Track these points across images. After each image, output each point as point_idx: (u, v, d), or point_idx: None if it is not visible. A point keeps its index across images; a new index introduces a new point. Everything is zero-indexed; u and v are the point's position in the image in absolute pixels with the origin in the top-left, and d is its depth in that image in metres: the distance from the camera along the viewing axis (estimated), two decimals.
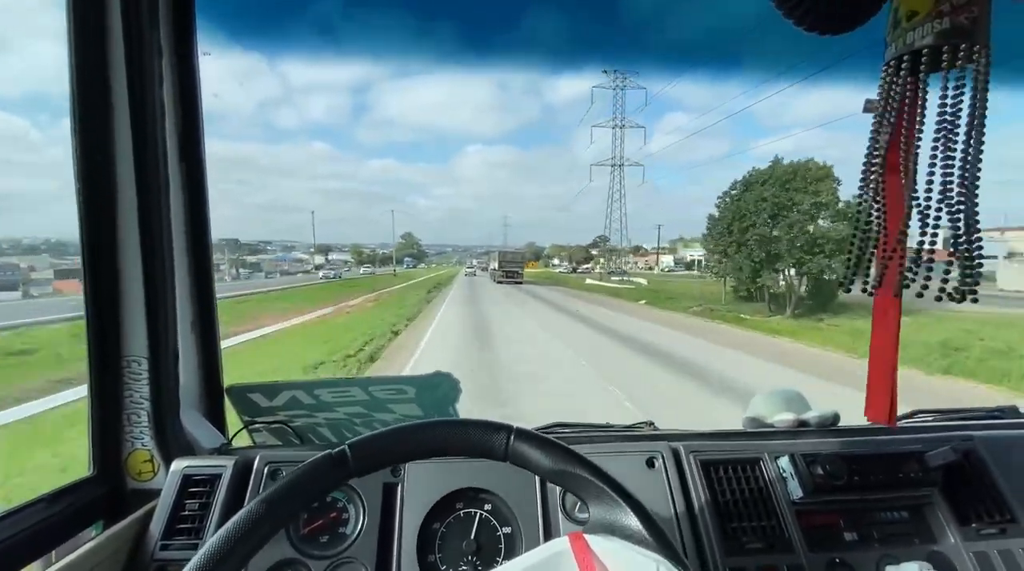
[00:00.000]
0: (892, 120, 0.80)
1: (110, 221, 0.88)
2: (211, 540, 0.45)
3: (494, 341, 11.43)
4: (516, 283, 39.40)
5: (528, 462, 0.53)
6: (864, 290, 0.79)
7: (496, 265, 44.66)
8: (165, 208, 0.91)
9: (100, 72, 0.84)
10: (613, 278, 42.09)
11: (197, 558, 0.44)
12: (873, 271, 0.74)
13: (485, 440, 0.54)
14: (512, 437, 0.53)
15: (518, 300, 23.21)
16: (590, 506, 0.53)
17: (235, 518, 0.47)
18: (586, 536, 0.50)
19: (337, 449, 0.51)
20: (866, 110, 1.10)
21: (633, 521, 0.50)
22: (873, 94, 0.96)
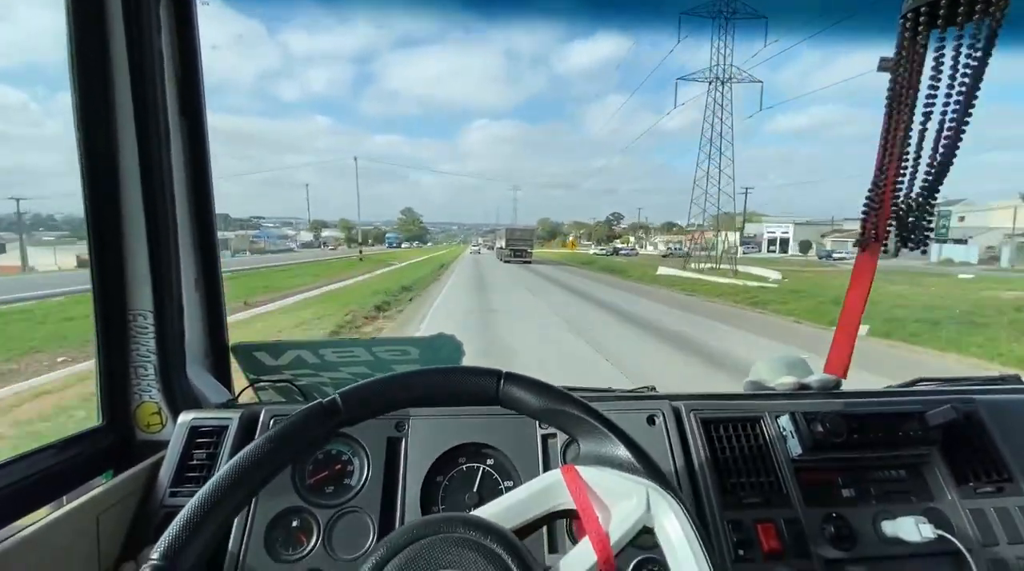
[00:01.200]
0: (910, 74, 0.79)
1: (112, 175, 0.88)
2: (208, 486, 0.46)
3: None
4: (524, 262, 36.28)
5: (520, 403, 0.54)
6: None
7: (503, 243, 41.10)
8: (167, 162, 0.90)
9: (98, 21, 0.83)
10: (703, 267, 26.46)
11: (194, 502, 0.44)
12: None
13: (476, 385, 0.54)
14: (503, 381, 0.53)
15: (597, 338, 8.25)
16: (580, 442, 0.54)
17: (230, 465, 0.47)
18: (577, 467, 0.51)
19: (328, 398, 0.51)
20: (881, 68, 1.07)
21: (622, 451, 0.50)
22: (890, 53, 0.93)
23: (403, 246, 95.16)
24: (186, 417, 0.92)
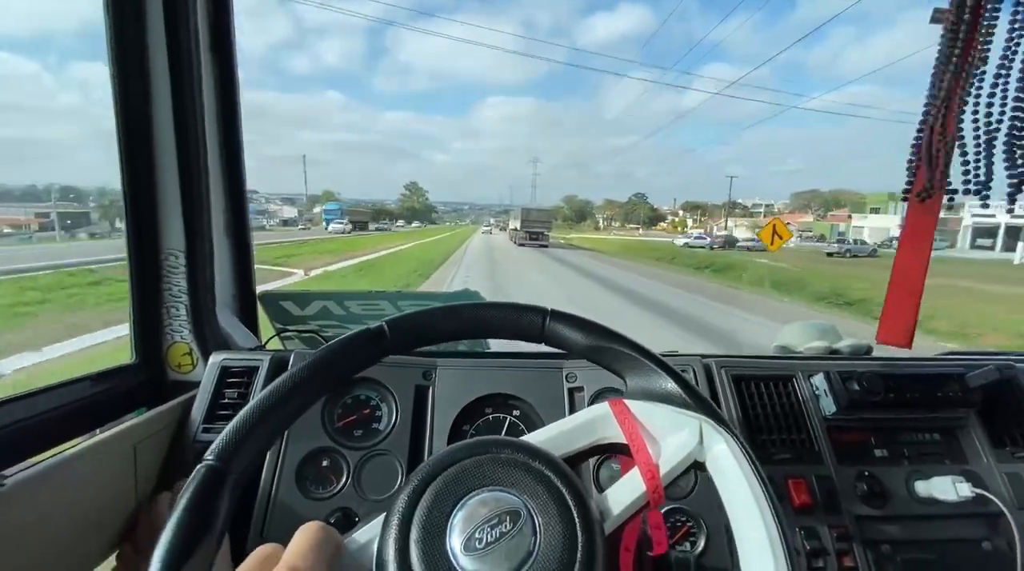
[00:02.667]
0: (965, 27, 0.75)
1: (145, 113, 0.87)
2: (259, 396, 0.46)
3: None
4: (541, 246, 31.55)
5: (564, 341, 0.53)
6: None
7: (517, 224, 35.17)
8: (199, 99, 0.89)
9: None
10: None
11: (246, 410, 0.44)
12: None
13: (522, 320, 0.53)
14: (548, 318, 0.52)
15: None
16: (627, 378, 0.52)
17: (279, 380, 0.47)
18: (625, 400, 0.50)
19: (375, 325, 0.51)
20: (934, 20, 1.02)
21: (672, 385, 0.49)
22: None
23: (334, 227, 46.87)
24: (217, 358, 0.93)
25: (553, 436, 0.49)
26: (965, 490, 0.77)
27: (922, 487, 0.81)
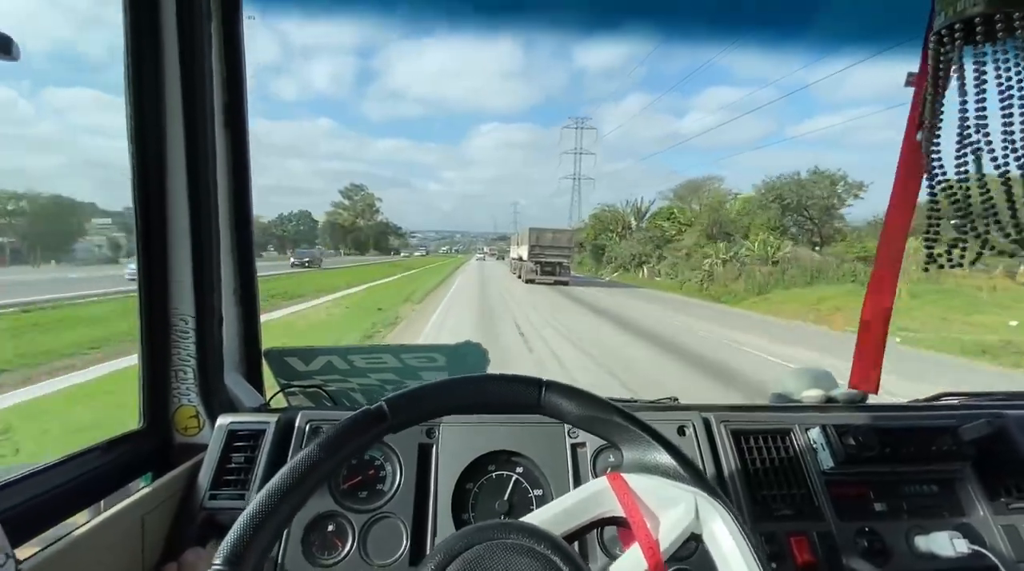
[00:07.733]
0: (941, 93, 0.80)
1: (160, 185, 0.91)
2: (262, 493, 0.46)
3: None
4: (559, 283, 22.61)
5: (561, 412, 0.54)
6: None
7: (524, 252, 24.22)
8: (212, 172, 0.93)
9: (152, 35, 0.86)
10: None
11: (252, 509, 0.45)
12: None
13: (518, 393, 0.55)
14: (544, 389, 0.54)
15: None
16: (623, 450, 0.54)
17: (282, 473, 0.48)
18: (623, 475, 0.52)
19: (375, 405, 0.53)
20: (909, 84, 1.08)
21: (666, 459, 0.51)
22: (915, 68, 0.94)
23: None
24: (224, 420, 0.94)
25: (555, 514, 0.51)
26: (962, 546, 0.78)
27: (922, 542, 0.82)
